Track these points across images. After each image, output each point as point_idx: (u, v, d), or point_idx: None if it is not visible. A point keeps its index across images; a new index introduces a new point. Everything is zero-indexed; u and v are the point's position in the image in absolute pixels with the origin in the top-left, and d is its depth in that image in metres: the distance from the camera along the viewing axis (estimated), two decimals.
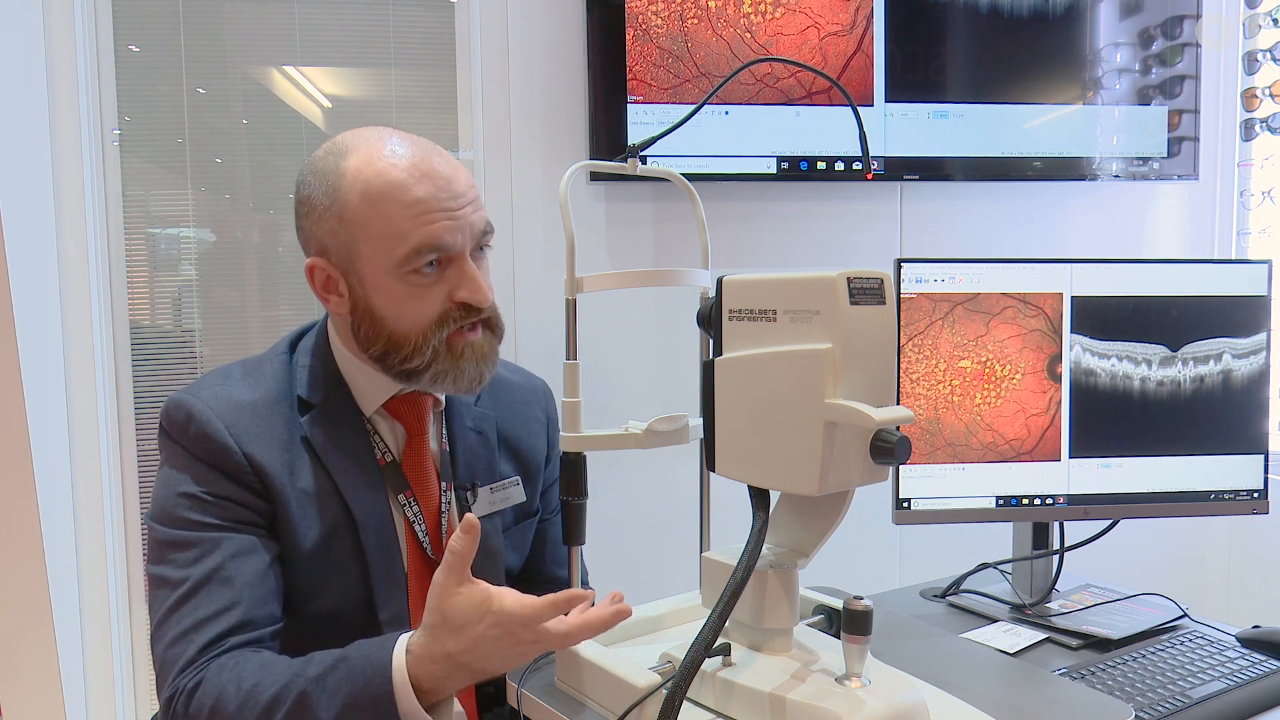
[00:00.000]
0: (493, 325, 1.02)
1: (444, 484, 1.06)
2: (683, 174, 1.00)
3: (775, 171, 1.81)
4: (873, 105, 1.84)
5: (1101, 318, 1.27)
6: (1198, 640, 1.18)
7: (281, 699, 0.84)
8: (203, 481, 0.95)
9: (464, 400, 1.12)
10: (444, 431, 1.09)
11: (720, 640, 0.80)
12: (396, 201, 0.94)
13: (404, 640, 0.84)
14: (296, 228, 1.03)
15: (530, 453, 1.16)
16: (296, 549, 0.97)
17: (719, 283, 0.80)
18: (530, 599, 0.80)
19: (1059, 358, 1.27)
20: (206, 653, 0.88)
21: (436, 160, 0.98)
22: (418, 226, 0.94)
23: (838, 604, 0.93)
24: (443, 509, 1.06)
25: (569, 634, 0.81)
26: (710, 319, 0.82)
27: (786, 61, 1.00)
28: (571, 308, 0.88)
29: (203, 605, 0.90)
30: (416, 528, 1.03)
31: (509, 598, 0.80)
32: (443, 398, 1.09)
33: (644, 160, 1.02)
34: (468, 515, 0.82)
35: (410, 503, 1.03)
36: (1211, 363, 1.28)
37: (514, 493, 1.12)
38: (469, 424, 1.11)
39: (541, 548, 1.19)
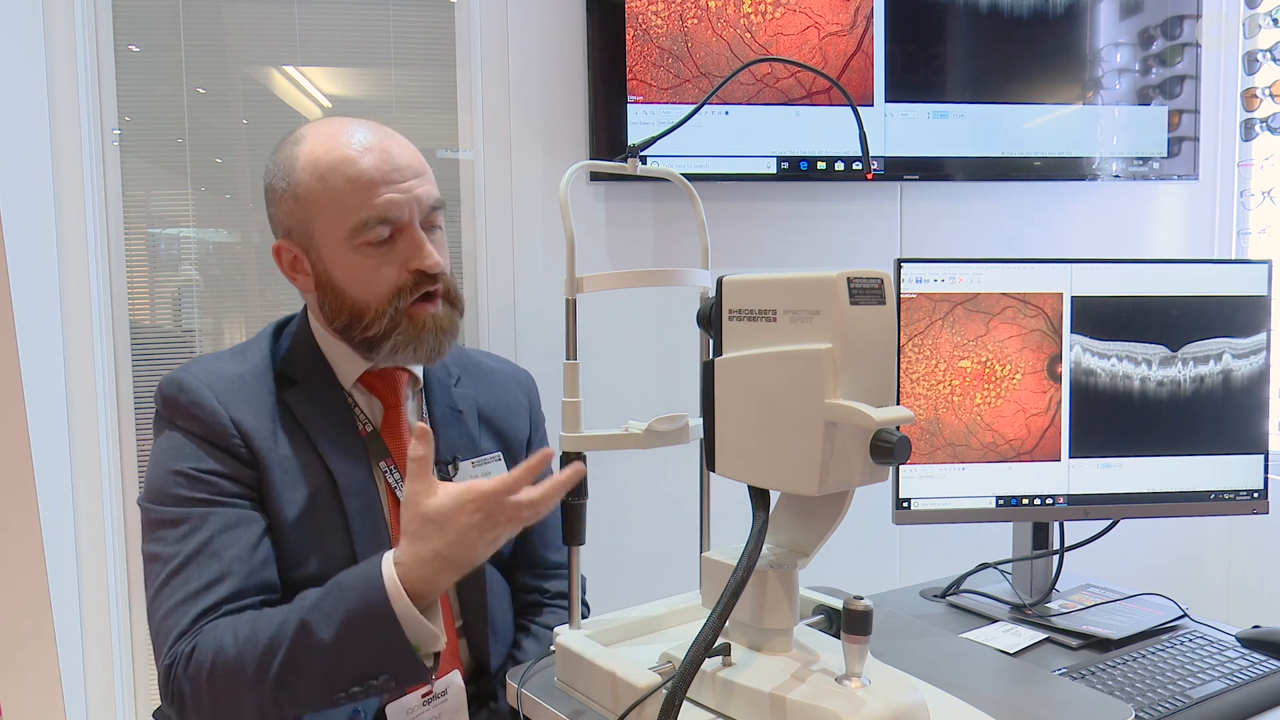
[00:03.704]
0: (451, 298, 1.07)
1: None
2: (683, 174, 1.01)
3: (775, 171, 1.81)
4: (873, 105, 1.84)
5: (1101, 318, 1.27)
6: (1198, 640, 1.18)
7: (281, 634, 0.87)
8: (192, 457, 0.98)
9: (443, 381, 1.16)
10: (423, 409, 1.13)
11: (720, 640, 0.80)
12: (343, 175, 1.00)
13: (389, 554, 0.88)
14: (268, 217, 1.08)
15: (513, 432, 1.20)
16: (281, 516, 1.00)
17: (719, 283, 0.80)
18: (502, 475, 0.85)
19: (1059, 358, 1.27)
20: (201, 620, 0.91)
21: (384, 138, 1.03)
22: (366, 199, 1.00)
23: (838, 604, 0.93)
24: None
25: (539, 500, 0.84)
26: (710, 319, 0.82)
27: (786, 61, 1.00)
28: (571, 308, 0.88)
29: (193, 578, 0.93)
30: (398, 493, 1.05)
31: (481, 483, 0.85)
32: (420, 377, 1.13)
33: (644, 160, 1.02)
34: (418, 424, 0.87)
35: (392, 470, 1.06)
36: (1211, 363, 1.28)
37: (495, 468, 1.15)
38: (449, 404, 1.14)
39: (530, 532, 1.20)
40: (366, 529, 1.02)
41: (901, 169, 1.87)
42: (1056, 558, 1.32)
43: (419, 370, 1.13)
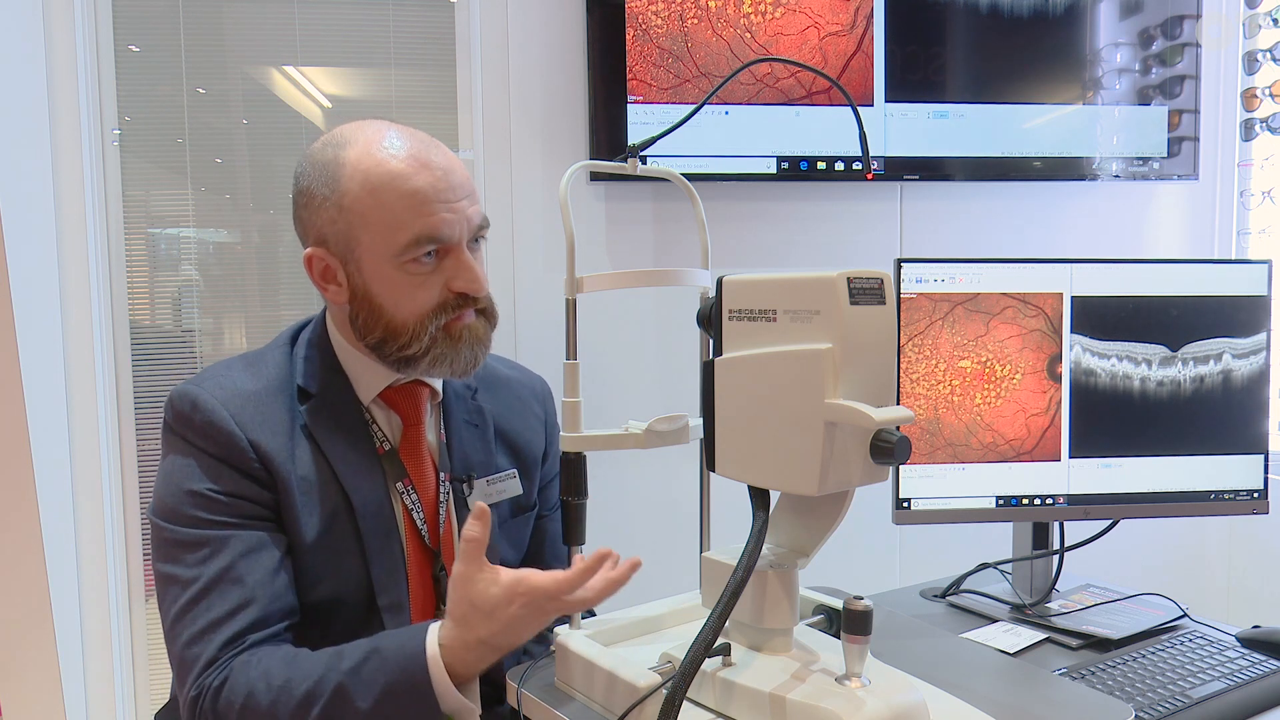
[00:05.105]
0: (488, 313, 1.05)
1: (441, 475, 1.08)
2: (683, 174, 1.00)
3: (775, 171, 1.81)
4: (873, 105, 1.84)
5: (1101, 318, 1.27)
6: (1198, 640, 1.18)
7: (317, 692, 0.86)
8: (209, 477, 0.96)
9: (460, 394, 1.13)
10: (441, 424, 1.11)
11: (720, 640, 0.80)
12: (396, 191, 0.96)
13: (434, 633, 0.87)
14: (294, 219, 1.04)
15: (527, 447, 1.17)
16: (299, 537, 0.98)
17: (719, 283, 0.80)
18: (557, 574, 0.84)
19: (1059, 358, 1.27)
20: (227, 650, 0.90)
21: (434, 153, 0.99)
22: (417, 217, 0.96)
23: (838, 604, 0.93)
24: (440, 499, 1.07)
25: (591, 598, 0.84)
26: (710, 319, 0.82)
27: (786, 61, 1.00)
28: (571, 308, 0.88)
29: (216, 605, 0.92)
30: (415, 515, 1.04)
31: (536, 577, 0.84)
32: (440, 390, 1.11)
33: (644, 160, 1.02)
34: (478, 503, 0.86)
35: (408, 490, 1.04)
36: (1211, 363, 1.28)
37: (510, 485, 1.13)
38: (466, 418, 1.12)
39: (540, 544, 1.20)
40: (382, 551, 1.00)
41: (901, 169, 1.87)
42: (1056, 558, 1.32)
43: (439, 385, 1.10)
